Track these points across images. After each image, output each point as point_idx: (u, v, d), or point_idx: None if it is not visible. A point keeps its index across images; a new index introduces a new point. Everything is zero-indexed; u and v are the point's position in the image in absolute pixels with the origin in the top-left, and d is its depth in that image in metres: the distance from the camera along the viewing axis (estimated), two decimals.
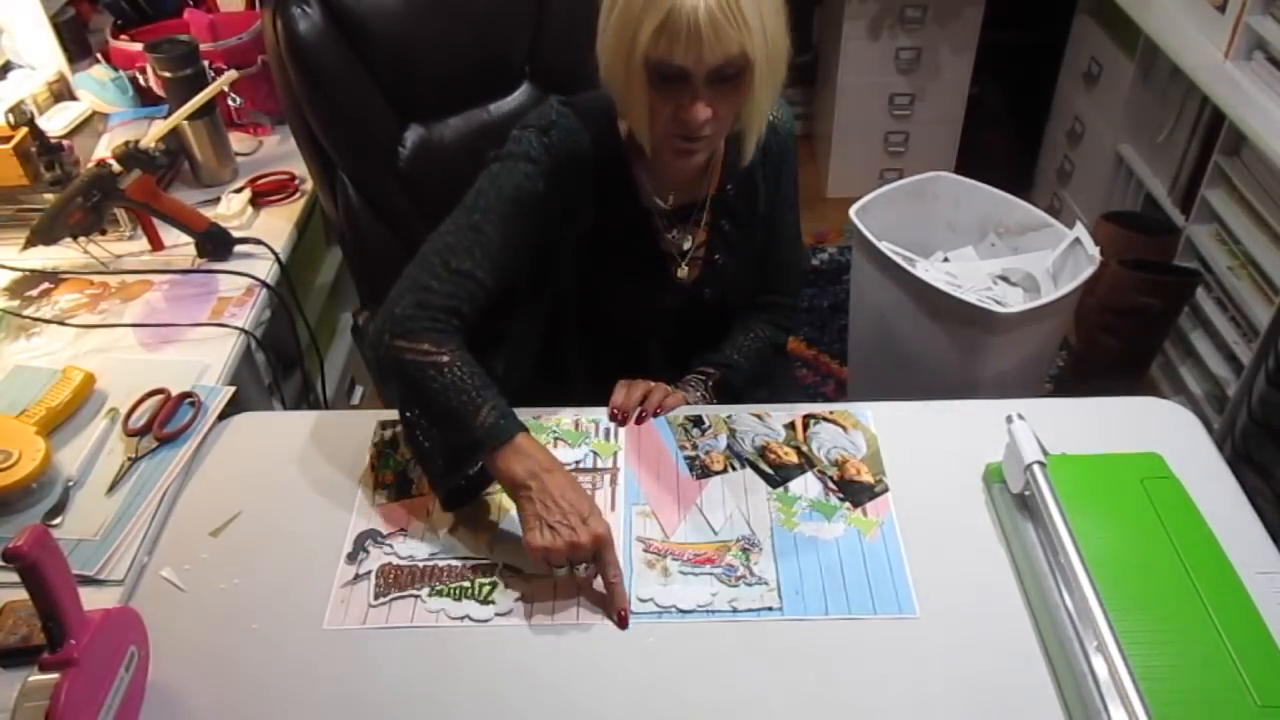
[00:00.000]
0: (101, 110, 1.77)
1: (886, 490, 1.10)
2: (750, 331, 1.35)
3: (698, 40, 0.96)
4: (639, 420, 1.18)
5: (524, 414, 1.18)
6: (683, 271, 1.25)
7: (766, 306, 1.37)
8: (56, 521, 1.06)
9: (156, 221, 1.49)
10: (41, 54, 1.76)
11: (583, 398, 1.23)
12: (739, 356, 1.32)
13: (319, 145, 1.44)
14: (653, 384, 1.22)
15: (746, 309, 1.37)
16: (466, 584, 1.00)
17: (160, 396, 1.19)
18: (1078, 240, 1.80)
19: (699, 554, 1.03)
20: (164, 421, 1.16)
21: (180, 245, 1.50)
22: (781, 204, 1.30)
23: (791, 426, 1.18)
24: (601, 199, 1.18)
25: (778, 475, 1.12)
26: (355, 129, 1.45)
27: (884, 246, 1.81)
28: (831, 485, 1.11)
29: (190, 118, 1.57)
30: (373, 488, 1.11)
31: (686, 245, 1.24)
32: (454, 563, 1.02)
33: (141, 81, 1.77)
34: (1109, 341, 2.22)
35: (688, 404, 1.23)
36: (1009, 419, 1.03)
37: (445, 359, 1.03)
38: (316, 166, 1.48)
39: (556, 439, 1.16)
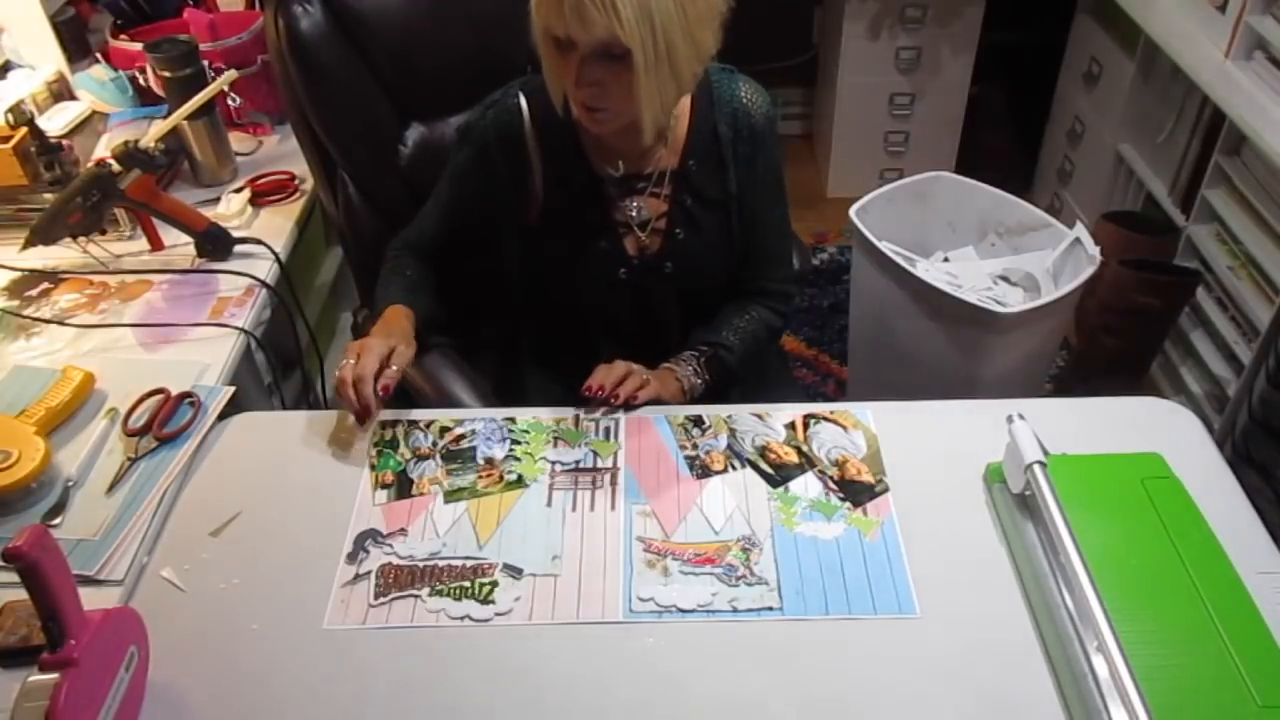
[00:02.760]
0: (101, 110, 1.77)
1: (887, 490, 1.10)
2: (745, 313, 1.35)
3: (565, 16, 1.03)
4: (608, 405, 1.18)
5: (522, 413, 1.19)
6: (643, 241, 1.27)
7: (760, 292, 1.37)
8: (56, 521, 1.06)
9: (156, 221, 1.49)
10: (41, 54, 1.76)
11: (536, 393, 1.34)
12: (733, 336, 1.32)
13: (320, 144, 1.44)
14: (634, 368, 1.22)
15: (740, 294, 1.37)
16: (466, 584, 1.00)
17: (160, 396, 1.19)
18: (1078, 240, 1.80)
19: (699, 554, 1.03)
20: (164, 421, 1.16)
21: (180, 245, 1.50)
22: (761, 193, 1.30)
23: (792, 426, 1.18)
24: (549, 169, 1.25)
25: (778, 475, 1.12)
26: (356, 127, 1.45)
27: (884, 246, 1.81)
28: (832, 485, 1.11)
29: (190, 117, 1.57)
30: (373, 488, 1.11)
31: (641, 215, 1.26)
32: (454, 563, 1.02)
33: (141, 81, 1.77)
34: (1109, 341, 2.22)
35: (662, 400, 1.22)
36: (1009, 419, 1.03)
37: (389, 265, 1.34)
38: (317, 165, 1.48)
39: (556, 438, 1.16)
